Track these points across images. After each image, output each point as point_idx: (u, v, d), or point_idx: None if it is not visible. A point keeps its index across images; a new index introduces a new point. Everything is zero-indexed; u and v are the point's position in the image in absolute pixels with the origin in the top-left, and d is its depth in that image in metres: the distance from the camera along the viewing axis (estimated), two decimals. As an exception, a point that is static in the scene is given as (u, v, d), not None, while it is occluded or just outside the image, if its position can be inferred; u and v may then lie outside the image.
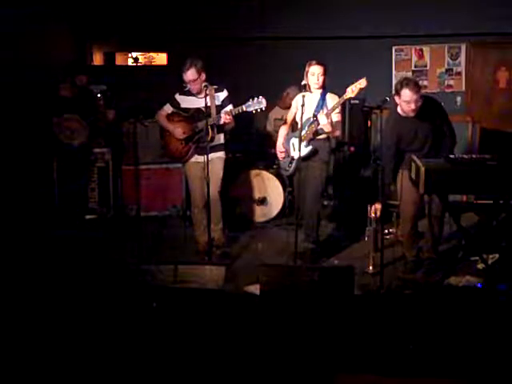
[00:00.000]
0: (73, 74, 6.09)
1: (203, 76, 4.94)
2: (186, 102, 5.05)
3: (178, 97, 5.09)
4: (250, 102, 4.74)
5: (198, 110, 4.94)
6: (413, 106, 4.34)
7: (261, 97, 4.73)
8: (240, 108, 4.80)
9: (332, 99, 4.88)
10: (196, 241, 5.23)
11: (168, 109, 5.12)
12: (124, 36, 7.59)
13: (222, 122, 4.87)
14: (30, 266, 4.69)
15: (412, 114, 4.41)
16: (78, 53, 7.52)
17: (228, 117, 4.82)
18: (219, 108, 4.96)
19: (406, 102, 4.34)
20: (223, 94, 5.03)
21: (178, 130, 5.03)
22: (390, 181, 4.67)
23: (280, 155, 5.18)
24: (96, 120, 6.13)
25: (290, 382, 3.16)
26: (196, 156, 5.06)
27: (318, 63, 4.87)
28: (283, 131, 5.21)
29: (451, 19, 7.20)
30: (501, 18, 7.10)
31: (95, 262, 4.92)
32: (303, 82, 4.75)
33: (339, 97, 4.81)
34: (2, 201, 5.54)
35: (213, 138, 4.90)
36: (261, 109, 4.74)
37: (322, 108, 4.86)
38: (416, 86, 4.32)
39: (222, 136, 5.10)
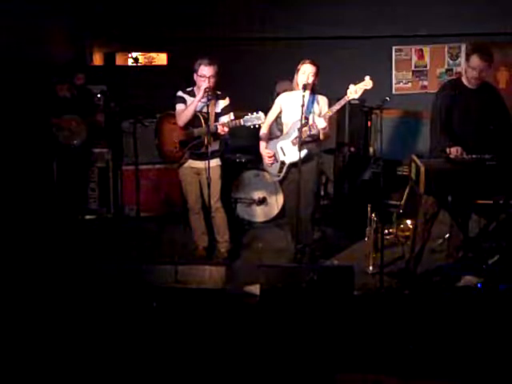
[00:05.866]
0: (71, 73, 6.09)
1: (216, 79, 4.85)
2: (188, 102, 4.93)
3: (182, 94, 4.96)
4: (247, 117, 4.62)
5: (196, 115, 4.83)
6: (476, 75, 4.33)
7: (260, 112, 4.62)
8: (238, 121, 4.69)
9: (323, 101, 4.76)
10: (194, 246, 5.21)
11: (182, 107, 4.93)
12: (124, 36, 7.59)
13: (218, 131, 4.76)
14: (29, 266, 4.68)
15: (473, 83, 4.40)
16: (78, 53, 7.52)
17: (225, 129, 4.72)
18: (218, 115, 4.89)
19: (471, 68, 4.35)
20: (224, 102, 4.93)
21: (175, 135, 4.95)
22: (447, 143, 4.35)
23: (268, 160, 4.92)
24: (95, 120, 6.13)
25: (290, 382, 3.16)
26: (190, 161, 4.99)
27: (311, 62, 4.71)
28: (264, 132, 4.97)
29: (451, 19, 7.21)
30: (501, 18, 7.11)
31: (95, 262, 4.92)
32: (303, 82, 4.62)
33: (329, 99, 4.68)
34: (1, 201, 5.54)
35: (209, 145, 4.76)
36: (258, 124, 4.64)
37: (311, 110, 4.71)
38: (487, 56, 4.32)
39: (217, 142, 4.98)
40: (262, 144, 4.99)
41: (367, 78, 4.47)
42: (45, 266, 4.68)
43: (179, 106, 4.95)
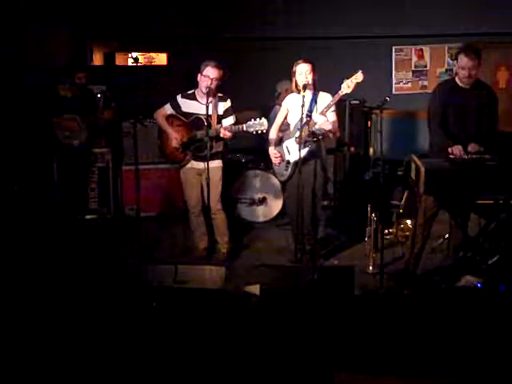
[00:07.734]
0: (72, 73, 6.09)
1: (218, 82, 4.85)
2: (187, 106, 4.94)
3: (179, 99, 4.97)
4: (251, 122, 4.63)
5: (199, 118, 4.83)
6: (467, 74, 4.39)
7: (263, 118, 4.63)
8: (240, 127, 4.69)
9: (324, 98, 4.76)
10: (194, 246, 5.20)
11: (168, 109, 5.00)
12: (124, 36, 7.59)
13: (221, 135, 4.77)
14: (30, 266, 4.69)
15: (466, 82, 4.45)
16: (78, 53, 7.52)
17: (227, 133, 4.73)
18: (220, 118, 4.89)
19: (461, 67, 4.41)
20: (226, 104, 4.94)
21: (175, 136, 4.94)
22: (446, 142, 4.44)
23: (275, 160, 4.95)
24: (96, 120, 6.13)
25: (290, 382, 3.16)
26: (192, 162, 4.99)
27: (305, 61, 4.71)
28: (273, 134, 5.00)
29: (451, 19, 7.21)
30: (500, 18, 7.12)
31: (95, 261, 4.92)
32: (303, 82, 4.62)
33: (332, 96, 4.68)
34: (1, 201, 5.54)
35: (211, 148, 4.75)
36: (261, 131, 4.64)
37: (313, 108, 4.72)
38: (474, 55, 4.37)
39: (220, 143, 4.97)
40: (271, 145, 4.99)
41: (359, 71, 4.51)
42: (45, 266, 4.69)
43: (166, 107, 5.01)
